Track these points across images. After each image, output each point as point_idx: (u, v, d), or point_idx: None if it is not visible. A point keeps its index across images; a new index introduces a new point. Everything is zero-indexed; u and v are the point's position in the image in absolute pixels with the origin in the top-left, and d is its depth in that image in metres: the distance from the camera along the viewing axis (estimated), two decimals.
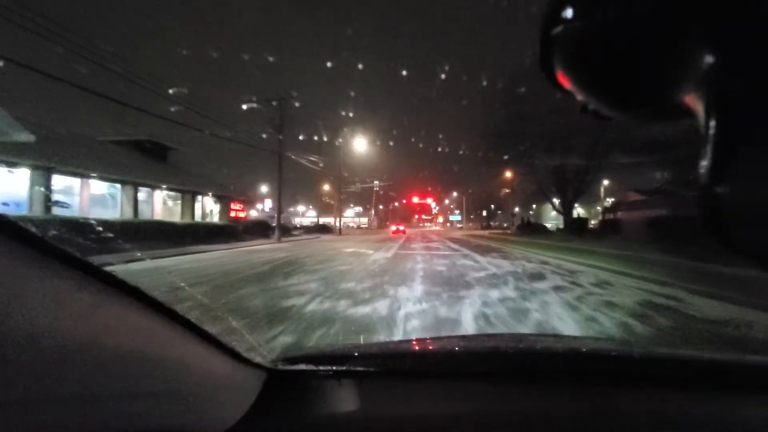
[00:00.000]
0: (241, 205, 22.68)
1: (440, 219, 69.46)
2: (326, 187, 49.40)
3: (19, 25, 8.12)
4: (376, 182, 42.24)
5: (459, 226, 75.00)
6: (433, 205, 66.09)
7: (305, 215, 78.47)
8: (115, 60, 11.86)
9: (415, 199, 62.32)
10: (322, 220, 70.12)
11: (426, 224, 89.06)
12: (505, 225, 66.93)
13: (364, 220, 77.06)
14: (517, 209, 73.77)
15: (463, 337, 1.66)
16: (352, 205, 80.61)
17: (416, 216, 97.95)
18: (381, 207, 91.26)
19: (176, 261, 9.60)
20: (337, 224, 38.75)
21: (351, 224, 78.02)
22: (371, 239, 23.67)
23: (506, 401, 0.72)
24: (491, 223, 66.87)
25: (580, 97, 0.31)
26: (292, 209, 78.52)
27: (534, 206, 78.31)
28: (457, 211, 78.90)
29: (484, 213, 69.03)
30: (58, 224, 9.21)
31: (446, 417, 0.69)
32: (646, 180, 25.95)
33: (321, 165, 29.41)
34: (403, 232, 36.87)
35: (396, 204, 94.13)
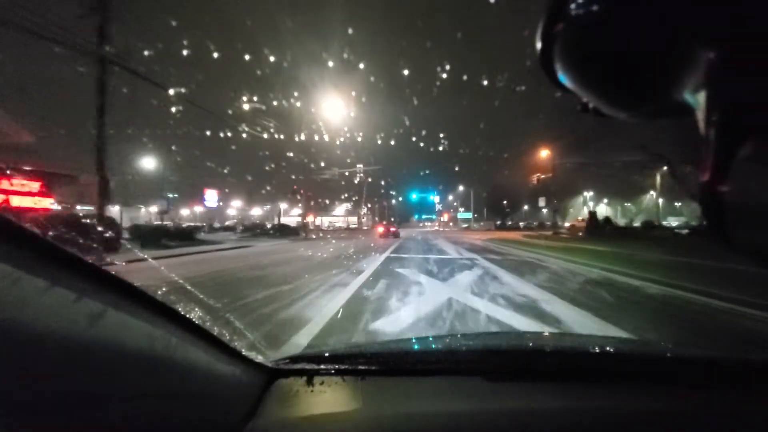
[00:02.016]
0: (40, 184, 11.01)
1: (444, 218, 58.10)
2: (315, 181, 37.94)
3: None
4: (360, 166, 30.90)
5: (464, 225, 63.81)
6: (437, 199, 54.45)
7: (287, 214, 67.51)
8: None
9: (415, 194, 50.65)
10: (309, 220, 59.27)
11: (427, 224, 77.94)
12: (521, 224, 56.23)
13: (363, 219, 65.69)
14: (526, 207, 63.64)
15: (465, 336, 1.69)
16: (350, 202, 69.45)
17: (416, 215, 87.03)
18: (377, 205, 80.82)
19: None
20: (313, 223, 27.69)
21: (339, 224, 67.14)
22: (329, 252, 12.49)
23: (507, 399, 0.72)
24: (507, 222, 55.52)
25: (581, 95, 0.31)
26: (269, 206, 67.51)
27: (554, 201, 67.61)
28: (461, 209, 67.55)
29: (511, 209, 57.68)
30: None
31: (448, 415, 0.68)
32: None
33: (270, 128, 18.35)
34: (395, 233, 25.67)
35: (393, 201, 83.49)
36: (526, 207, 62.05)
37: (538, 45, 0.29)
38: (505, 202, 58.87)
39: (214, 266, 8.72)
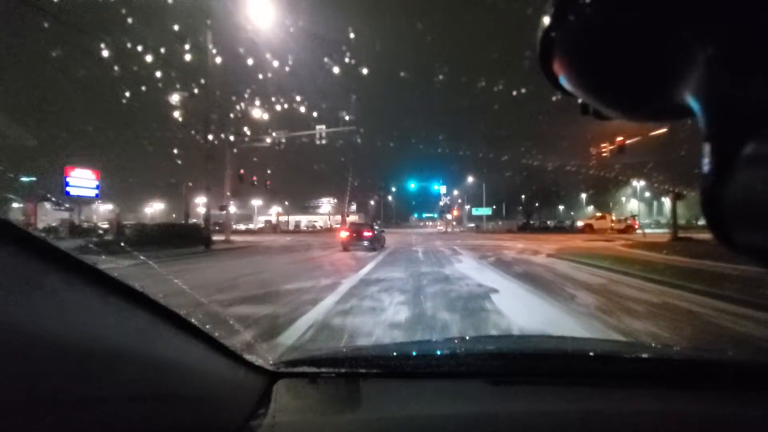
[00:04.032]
0: None
1: (450, 216, 46.04)
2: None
3: None
4: (322, 127, 18.63)
5: (471, 225, 51.81)
6: (443, 189, 41.88)
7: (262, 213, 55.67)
8: None
9: (413, 183, 38.36)
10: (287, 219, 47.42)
11: (428, 223, 65.75)
12: (549, 223, 44.20)
13: (354, 217, 53.44)
14: (537, 204, 51.73)
15: (467, 339, 1.66)
16: (345, 200, 57.56)
17: (416, 213, 74.91)
18: (373, 203, 68.88)
19: None
20: (278, 222, 15.92)
21: (320, 223, 55.23)
22: None
23: (510, 402, 0.72)
24: (530, 222, 43.39)
25: (580, 97, 0.31)
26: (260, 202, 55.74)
27: (583, 196, 55.17)
28: (467, 206, 55.35)
29: (532, 206, 45.20)
30: None
31: (450, 418, 0.68)
32: None
33: None
34: (371, 241, 13.56)
35: (389, 197, 71.50)
36: (536, 204, 50.05)
37: (538, 47, 0.29)
38: (522, 197, 46.88)
39: None
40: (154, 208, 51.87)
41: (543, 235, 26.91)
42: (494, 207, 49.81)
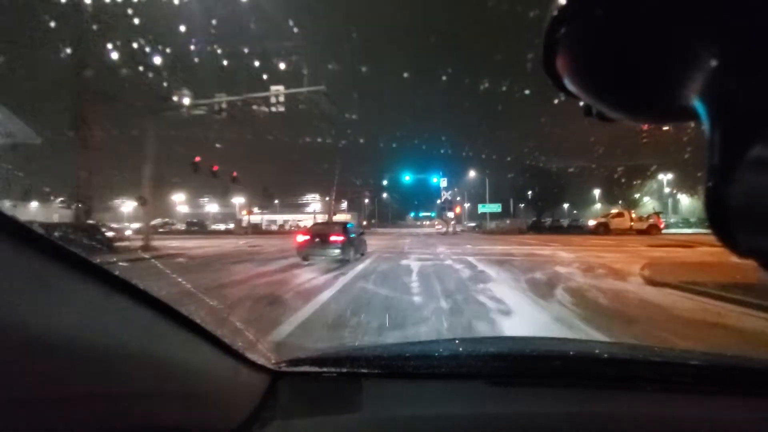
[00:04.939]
0: None
1: (452, 214, 41.25)
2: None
3: None
4: (277, 88, 13.47)
5: (471, 225, 47.00)
6: (444, 182, 36.80)
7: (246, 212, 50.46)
8: None
9: (408, 176, 33.15)
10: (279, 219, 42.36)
11: (425, 222, 60.73)
12: (563, 222, 39.49)
13: (345, 216, 48.13)
14: (540, 203, 46.95)
15: (467, 340, 1.73)
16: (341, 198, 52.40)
17: (413, 212, 69.98)
18: (367, 201, 63.83)
19: None
20: (248, 222, 16.47)
21: (304, 222, 50.05)
22: None
23: (510, 403, 0.73)
24: (541, 220, 38.46)
25: (584, 99, 0.31)
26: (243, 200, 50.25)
27: (596, 191, 50.61)
28: (467, 204, 50.45)
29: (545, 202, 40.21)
30: None
31: (450, 418, 0.69)
32: None
33: None
34: (340, 244, 8.55)
35: (384, 194, 66.53)
36: (539, 203, 45.37)
37: (542, 48, 0.29)
38: (529, 192, 42.10)
39: None
40: (130, 207, 46.25)
41: (565, 237, 21.98)
42: (511, 202, 44.94)
